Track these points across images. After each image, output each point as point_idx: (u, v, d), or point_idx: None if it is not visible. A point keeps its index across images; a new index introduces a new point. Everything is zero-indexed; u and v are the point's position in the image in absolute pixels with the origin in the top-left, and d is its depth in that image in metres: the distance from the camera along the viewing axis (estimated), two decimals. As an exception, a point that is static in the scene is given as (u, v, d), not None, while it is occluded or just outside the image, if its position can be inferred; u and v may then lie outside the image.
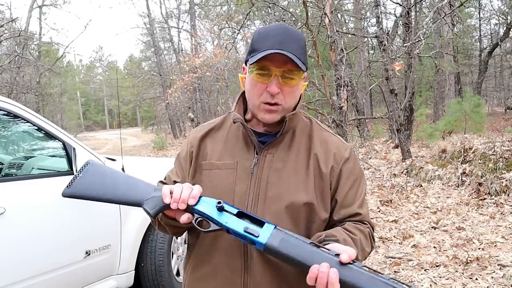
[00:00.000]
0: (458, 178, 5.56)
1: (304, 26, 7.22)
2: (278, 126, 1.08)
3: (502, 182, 4.96)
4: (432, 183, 5.92)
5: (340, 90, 6.35)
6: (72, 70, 45.81)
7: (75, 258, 2.26)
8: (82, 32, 28.07)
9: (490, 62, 18.08)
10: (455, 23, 13.17)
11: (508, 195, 4.85)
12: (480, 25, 20.13)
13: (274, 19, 11.52)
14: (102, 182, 1.08)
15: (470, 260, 3.34)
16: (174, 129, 23.23)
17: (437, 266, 3.34)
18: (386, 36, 8.44)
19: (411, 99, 8.97)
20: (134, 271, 2.64)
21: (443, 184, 5.74)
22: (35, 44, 16.80)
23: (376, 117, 12.29)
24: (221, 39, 15.82)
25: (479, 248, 3.63)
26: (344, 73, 6.52)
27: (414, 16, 8.24)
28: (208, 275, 1.09)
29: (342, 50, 6.67)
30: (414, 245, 3.85)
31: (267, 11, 12.58)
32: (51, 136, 2.36)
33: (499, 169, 5.19)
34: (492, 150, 5.51)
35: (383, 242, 3.99)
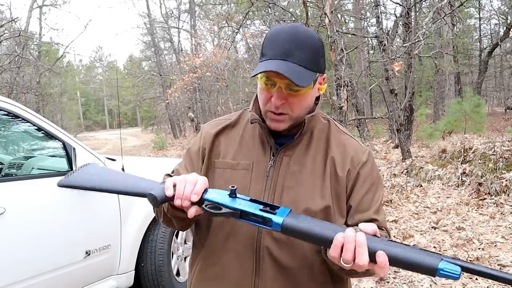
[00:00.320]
0: (458, 178, 5.56)
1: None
2: (296, 128, 1.05)
3: (502, 182, 4.96)
4: (432, 183, 5.92)
5: (340, 90, 6.35)
6: (72, 70, 45.79)
7: (75, 258, 2.26)
8: (82, 32, 28.14)
9: (490, 62, 18.08)
10: (455, 23, 13.18)
11: (508, 195, 4.85)
12: (480, 25, 20.15)
13: (274, 19, 11.52)
14: (102, 174, 1.06)
15: (470, 260, 3.34)
16: (174, 129, 23.22)
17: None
18: (386, 36, 8.44)
19: (411, 99, 8.98)
20: (134, 271, 2.64)
21: (443, 184, 5.73)
22: (35, 44, 16.80)
23: (376, 117, 12.29)
24: (221, 39, 15.82)
25: (479, 248, 3.63)
26: (344, 73, 6.52)
27: (414, 16, 8.23)
28: (216, 276, 1.06)
29: (342, 50, 6.67)
30: (414, 245, 3.85)
31: (267, 11, 12.58)
32: (51, 136, 2.36)
33: (499, 169, 5.19)
34: (492, 150, 5.51)
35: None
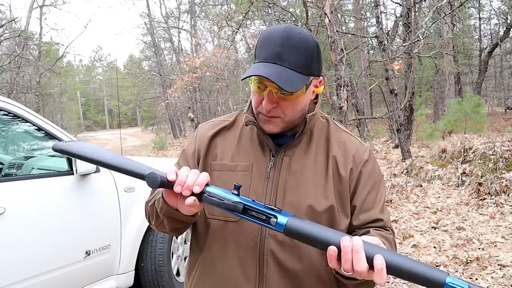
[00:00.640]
0: (458, 178, 5.56)
1: (304, 26, 7.22)
2: (295, 128, 1.03)
3: (502, 182, 4.96)
4: (432, 183, 5.92)
5: (340, 90, 6.35)
6: (72, 70, 45.82)
7: (75, 258, 2.26)
8: (82, 32, 28.07)
9: (490, 62, 18.08)
10: (455, 23, 13.17)
11: (508, 195, 4.85)
12: (480, 25, 20.15)
13: (274, 19, 11.52)
14: (100, 150, 1.01)
15: (470, 260, 3.34)
16: (174, 129, 23.23)
17: (437, 266, 3.34)
18: (386, 36, 8.44)
19: (411, 99, 8.97)
20: (134, 271, 2.64)
21: (443, 184, 5.73)
22: (35, 44, 16.80)
23: (376, 117, 12.29)
24: (221, 39, 15.83)
25: (479, 248, 3.63)
26: (344, 73, 6.52)
27: (413, 16, 8.23)
28: (218, 283, 1.03)
29: (342, 50, 6.66)
30: (414, 245, 3.85)
31: (267, 11, 12.58)
32: (51, 136, 2.36)
33: (499, 169, 5.18)
34: (492, 150, 5.51)
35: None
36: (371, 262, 0.78)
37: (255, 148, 1.06)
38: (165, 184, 0.90)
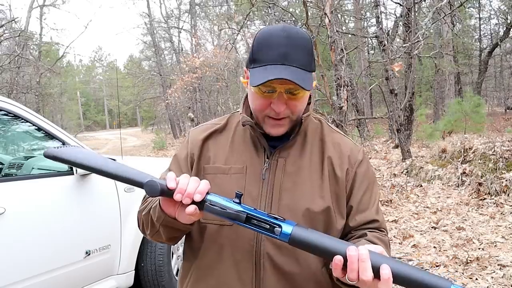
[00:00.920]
0: (458, 178, 5.56)
1: (304, 26, 7.22)
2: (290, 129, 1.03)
3: (502, 182, 4.96)
4: (432, 183, 5.92)
5: (340, 90, 6.35)
6: (72, 70, 45.82)
7: (75, 258, 2.26)
8: (82, 32, 28.04)
9: (490, 62, 18.09)
10: (455, 23, 13.18)
11: (508, 195, 4.85)
12: (480, 25, 20.14)
13: (274, 19, 11.52)
14: (95, 156, 0.96)
15: (470, 260, 3.34)
16: (174, 129, 23.23)
17: (437, 266, 3.34)
18: (386, 36, 8.44)
19: (411, 99, 8.97)
20: (134, 271, 2.64)
21: (443, 184, 5.74)
22: (35, 44, 16.81)
23: (376, 117, 12.28)
24: (221, 39, 15.83)
25: (479, 248, 3.63)
26: (344, 73, 6.52)
27: (413, 16, 8.24)
28: None
29: (342, 50, 6.66)
30: (414, 245, 3.85)
31: (267, 11, 12.58)
32: (51, 136, 2.36)
33: (499, 169, 5.18)
34: (492, 150, 5.51)
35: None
36: (376, 271, 0.78)
37: (249, 150, 1.04)
38: (164, 192, 0.87)
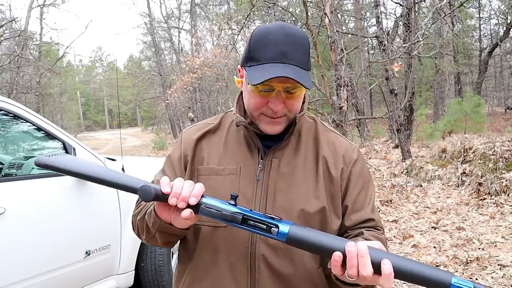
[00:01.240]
0: (458, 178, 5.56)
1: (304, 26, 7.23)
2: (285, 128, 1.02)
3: (502, 182, 4.96)
4: (432, 183, 5.92)
5: (340, 90, 6.35)
6: (72, 70, 45.84)
7: (75, 258, 2.26)
8: (82, 32, 28.01)
9: (490, 62, 18.09)
10: (455, 23, 13.18)
11: (508, 195, 4.85)
12: (480, 25, 20.14)
13: (274, 19, 11.52)
14: (86, 164, 0.96)
15: (470, 260, 3.34)
16: (174, 129, 23.20)
17: (437, 266, 3.34)
18: (386, 36, 8.44)
19: (411, 99, 8.97)
20: (134, 271, 2.64)
21: (443, 184, 5.74)
22: (35, 44, 16.81)
23: (376, 117, 12.28)
24: (221, 39, 15.83)
25: (479, 248, 3.63)
26: (344, 73, 6.53)
27: (414, 16, 8.24)
28: None
29: (342, 50, 6.66)
30: (414, 245, 3.86)
31: (267, 11, 12.58)
32: (51, 136, 2.36)
33: (499, 169, 5.19)
34: (492, 150, 5.51)
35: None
36: (376, 266, 0.78)
37: (243, 150, 1.03)
38: (159, 197, 0.86)
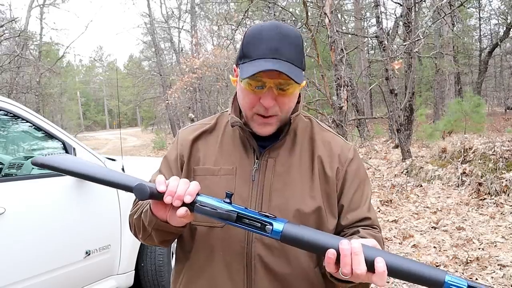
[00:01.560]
0: (458, 178, 5.56)
1: (304, 26, 7.23)
2: (279, 128, 1.01)
3: (502, 182, 4.96)
4: (432, 183, 5.92)
5: (340, 90, 6.35)
6: (72, 70, 45.85)
7: (75, 258, 2.26)
8: (83, 32, 28.06)
9: (490, 62, 18.08)
10: (455, 23, 13.18)
11: (508, 195, 4.85)
12: (480, 25, 20.15)
13: (274, 19, 11.52)
14: (82, 162, 0.97)
15: (470, 260, 3.34)
16: (174, 129, 23.18)
17: (437, 266, 3.34)
18: (386, 36, 8.45)
19: (411, 99, 8.97)
20: (134, 271, 2.64)
21: (443, 184, 5.74)
22: (35, 44, 16.81)
23: (376, 117, 12.28)
24: (221, 39, 15.83)
25: (479, 248, 3.63)
26: (344, 73, 6.52)
27: (414, 16, 8.24)
28: None
29: (342, 50, 6.66)
30: (414, 245, 3.85)
31: (266, 10, 12.58)
32: (51, 136, 2.36)
33: (499, 169, 5.18)
34: (492, 150, 5.51)
35: (383, 242, 4.00)
36: (370, 264, 0.78)
37: (238, 150, 1.03)
38: (154, 196, 0.87)
